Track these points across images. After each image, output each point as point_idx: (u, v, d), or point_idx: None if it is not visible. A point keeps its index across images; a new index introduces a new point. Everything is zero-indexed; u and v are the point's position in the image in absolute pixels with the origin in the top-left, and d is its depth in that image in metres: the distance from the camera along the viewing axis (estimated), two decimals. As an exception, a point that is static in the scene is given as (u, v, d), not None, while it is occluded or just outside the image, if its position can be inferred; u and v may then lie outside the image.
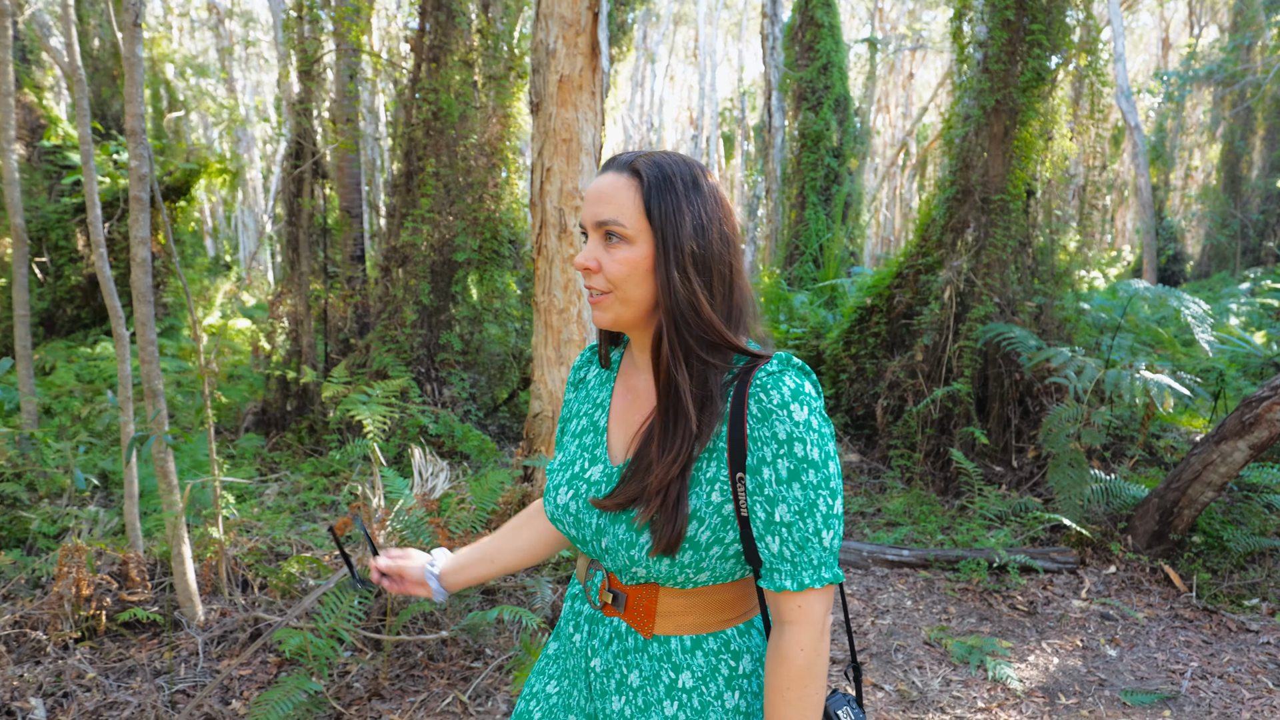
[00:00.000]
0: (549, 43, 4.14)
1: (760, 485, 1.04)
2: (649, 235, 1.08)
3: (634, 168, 1.10)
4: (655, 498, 1.06)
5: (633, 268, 1.08)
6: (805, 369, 1.10)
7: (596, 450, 1.20)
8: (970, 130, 5.60)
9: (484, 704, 3.04)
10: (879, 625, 3.81)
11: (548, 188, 4.22)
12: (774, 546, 1.04)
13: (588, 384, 1.31)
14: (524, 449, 4.47)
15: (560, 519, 1.20)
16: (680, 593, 1.13)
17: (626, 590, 1.16)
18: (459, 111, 5.90)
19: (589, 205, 1.12)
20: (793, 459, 1.02)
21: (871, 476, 5.91)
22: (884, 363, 6.39)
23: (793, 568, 1.04)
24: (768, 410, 1.04)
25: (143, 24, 3.41)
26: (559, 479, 1.22)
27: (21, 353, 5.34)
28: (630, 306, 1.10)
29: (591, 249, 1.11)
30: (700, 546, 1.07)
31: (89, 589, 3.43)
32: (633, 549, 1.09)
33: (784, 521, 1.03)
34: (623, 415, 1.21)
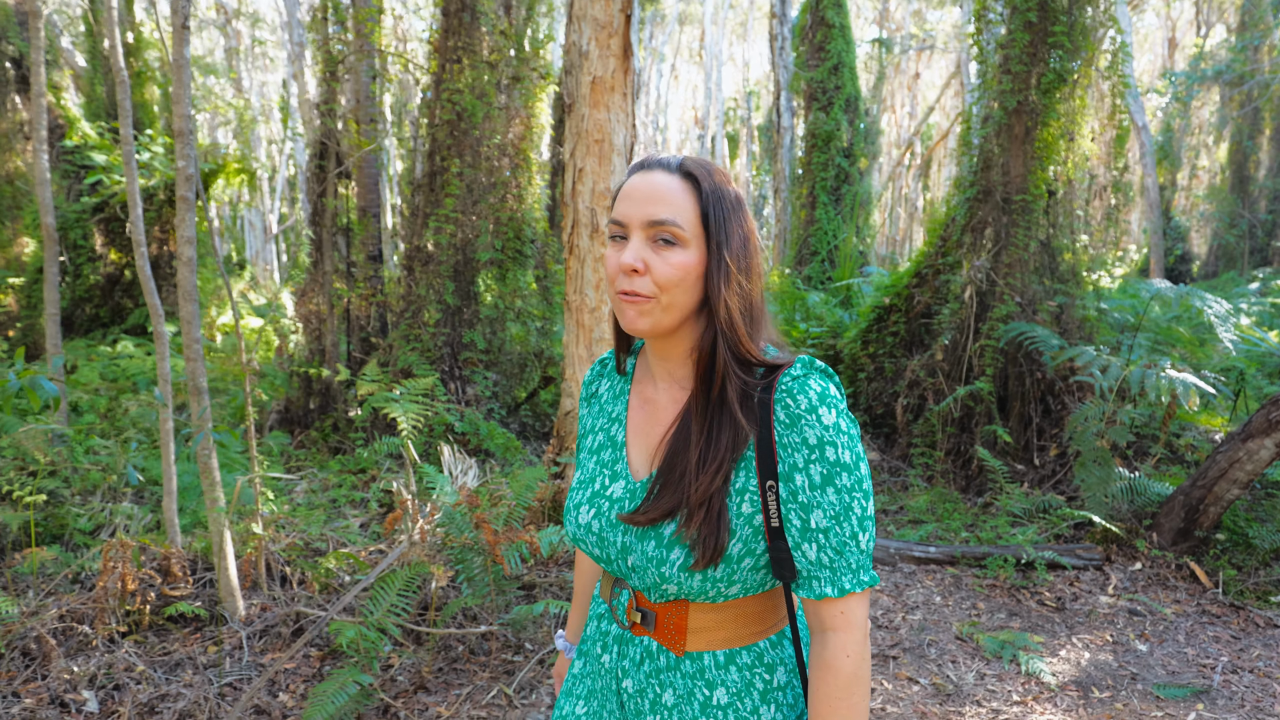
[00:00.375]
0: (582, 44, 4.19)
1: (794, 492, 1.03)
2: (702, 242, 1.06)
3: (687, 171, 1.08)
4: (698, 510, 1.04)
5: (685, 273, 1.05)
6: (828, 371, 1.10)
7: (616, 466, 1.18)
8: (991, 131, 5.64)
9: (528, 697, 3.09)
10: (910, 620, 3.86)
11: (580, 188, 4.27)
12: (811, 554, 1.03)
13: (600, 398, 1.29)
14: (554, 446, 4.52)
15: (583, 539, 1.18)
16: (711, 607, 1.12)
17: (655, 608, 1.14)
18: (482, 113, 5.95)
19: (637, 204, 1.06)
20: (825, 463, 1.01)
21: (892, 474, 5.96)
22: (903, 362, 6.44)
23: (832, 574, 1.03)
24: (796, 416, 1.03)
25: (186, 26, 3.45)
26: (579, 498, 1.20)
27: (52, 350, 5.40)
28: (672, 313, 1.07)
29: (638, 249, 1.06)
30: (732, 559, 1.06)
31: (134, 584, 3.49)
32: (663, 565, 1.07)
33: (820, 528, 1.02)
34: (641, 429, 1.19)
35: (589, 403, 1.31)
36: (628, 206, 1.07)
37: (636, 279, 1.05)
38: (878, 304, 6.89)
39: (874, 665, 3.45)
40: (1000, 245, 5.61)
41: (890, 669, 3.43)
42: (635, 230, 1.06)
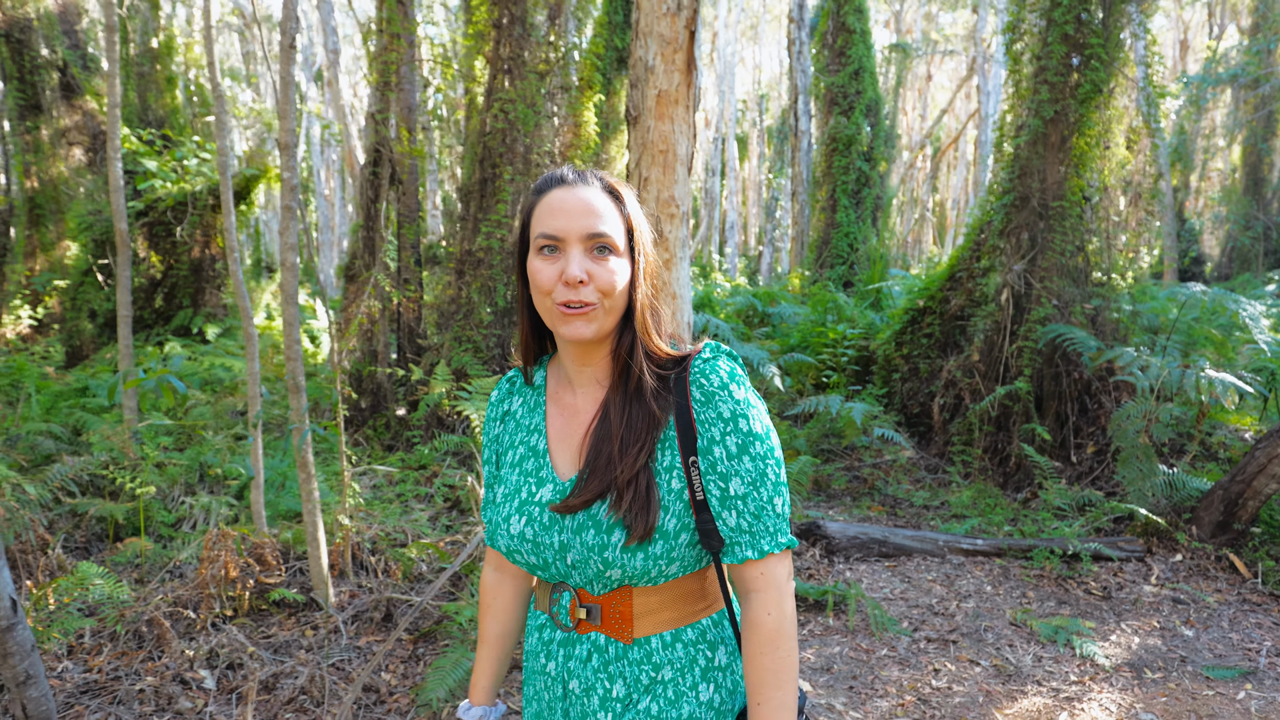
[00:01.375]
0: (648, 59, 4.40)
1: (713, 464, 1.10)
2: (628, 253, 1.15)
3: (610, 187, 1.17)
4: (627, 489, 1.10)
5: (623, 278, 1.13)
6: (733, 354, 1.18)
7: (541, 472, 1.21)
8: (1027, 139, 5.83)
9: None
10: (964, 608, 4.06)
11: (645, 195, 4.47)
12: (732, 520, 1.10)
13: (515, 415, 1.31)
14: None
15: (517, 549, 1.19)
16: (654, 590, 1.15)
17: (599, 600, 1.17)
18: (533, 121, 6.16)
19: (574, 218, 1.12)
20: (740, 434, 1.09)
21: (930, 471, 6.15)
22: (938, 362, 6.63)
23: (751, 537, 1.10)
24: (710, 393, 1.11)
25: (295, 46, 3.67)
26: (507, 510, 1.22)
27: (124, 350, 5.62)
28: (612, 316, 1.14)
29: (581, 261, 1.11)
30: (670, 535, 1.11)
31: (236, 571, 3.70)
32: (606, 550, 1.11)
33: (739, 494, 1.09)
34: (563, 432, 1.22)
35: (503, 421, 1.32)
36: (564, 221, 1.12)
37: (584, 289, 1.10)
38: (911, 306, 7.09)
39: (935, 650, 3.65)
40: (1037, 250, 5.80)
41: (951, 652, 3.63)
42: (574, 243, 1.11)
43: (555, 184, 1.16)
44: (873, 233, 13.34)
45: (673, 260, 4.50)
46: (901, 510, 5.50)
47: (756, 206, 36.53)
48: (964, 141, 29.64)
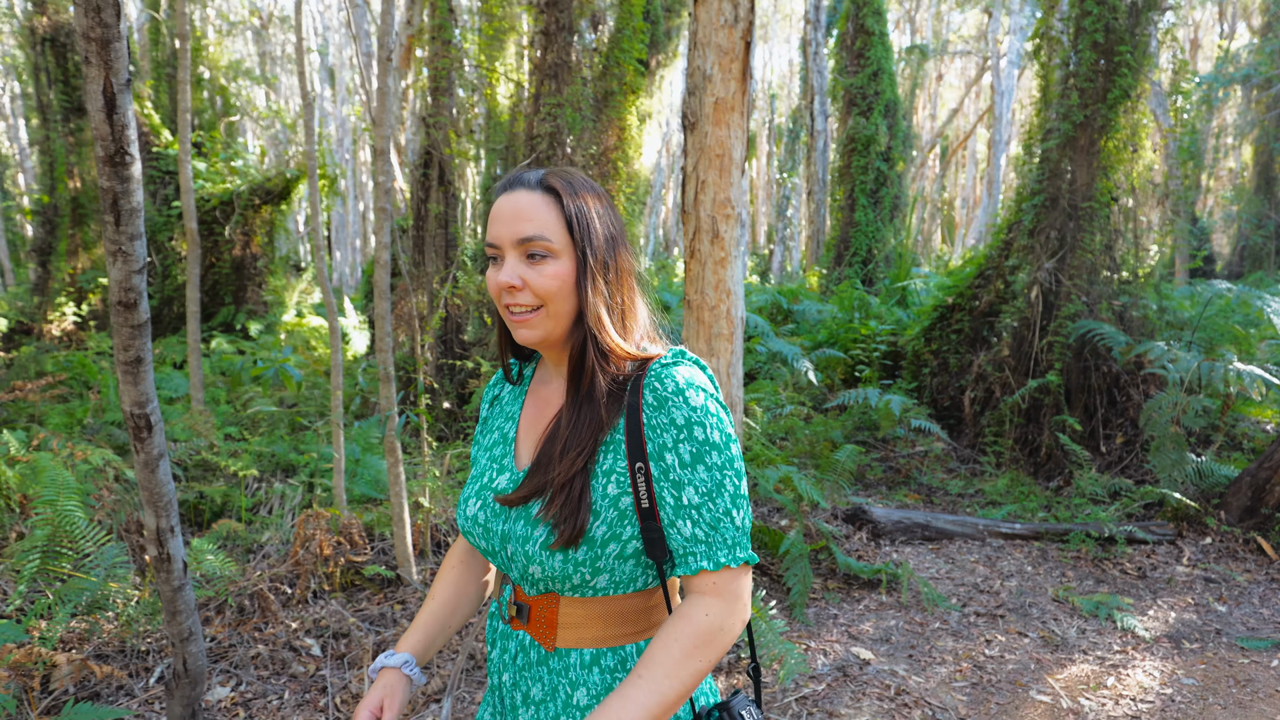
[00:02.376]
0: (705, 68, 4.65)
1: (665, 471, 1.05)
2: (571, 250, 1.11)
3: (547, 184, 1.12)
4: (559, 492, 1.08)
5: (562, 282, 1.10)
6: (699, 361, 1.15)
7: (504, 460, 1.21)
8: (1058, 143, 6.06)
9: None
10: (1007, 586, 4.30)
11: (701, 198, 4.73)
12: (686, 530, 1.04)
13: (502, 400, 1.32)
14: (673, 432, 4.97)
15: (470, 530, 1.21)
16: (580, 601, 1.12)
17: (529, 601, 1.16)
18: (580, 126, 6.41)
19: (506, 224, 1.11)
20: (694, 442, 1.04)
21: (961, 461, 6.40)
22: (967, 357, 6.87)
23: (707, 548, 1.04)
24: (663, 398, 1.07)
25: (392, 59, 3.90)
26: (469, 491, 1.23)
27: (192, 345, 5.88)
28: (559, 321, 1.12)
29: (513, 268, 1.10)
30: (595, 542, 1.07)
31: (329, 549, 3.96)
32: (528, 544, 1.09)
33: (693, 504, 1.04)
34: (531, 423, 1.23)
35: (492, 404, 1.34)
36: (498, 228, 1.12)
37: (519, 294, 1.10)
38: (939, 303, 7.33)
39: (984, 623, 3.90)
40: (1065, 249, 6.04)
41: (999, 625, 3.88)
42: (508, 250, 1.11)
43: (499, 190, 1.15)
44: (891, 232, 13.57)
45: (728, 259, 4.76)
46: (937, 498, 5.75)
47: (765, 205, 36.74)
48: (973, 140, 29.85)
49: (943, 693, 3.27)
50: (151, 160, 10.28)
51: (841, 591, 4.19)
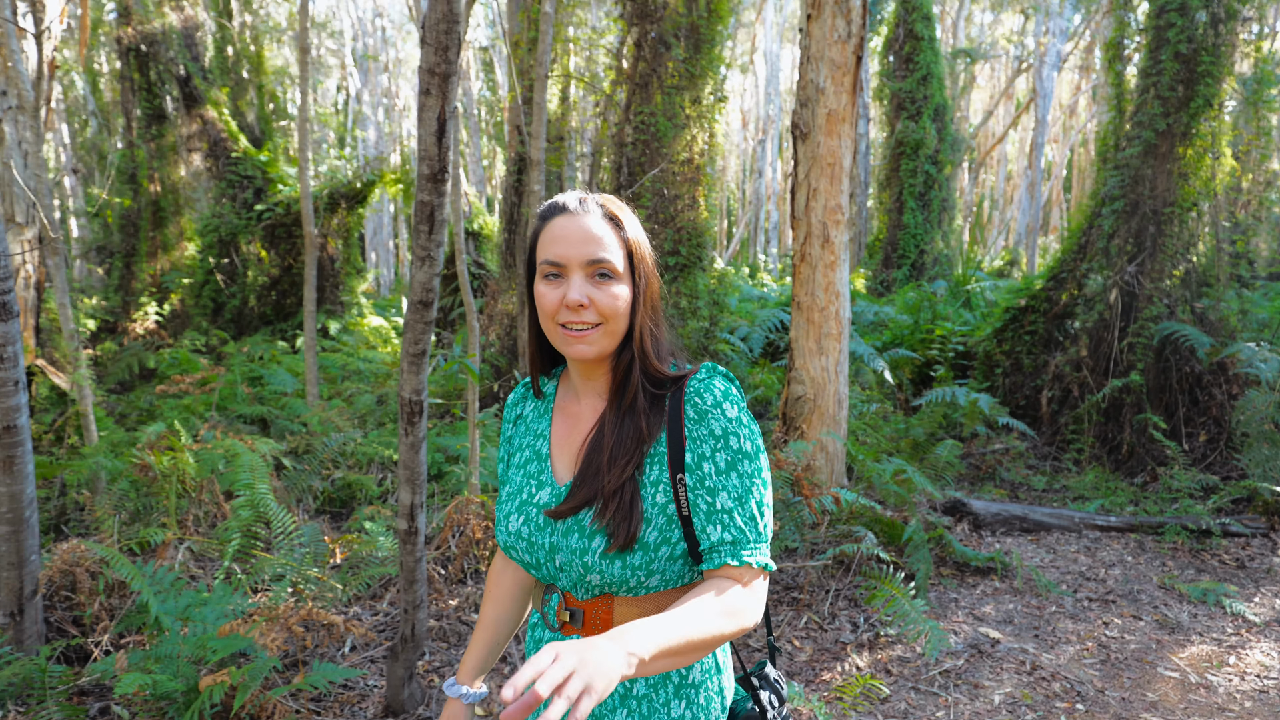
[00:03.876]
0: (818, 81, 4.90)
1: (701, 479, 1.14)
2: (630, 277, 1.20)
3: (609, 213, 1.22)
4: (611, 499, 1.14)
5: (624, 303, 1.18)
6: (729, 375, 1.22)
7: (542, 475, 1.26)
8: (1139, 151, 6.26)
9: (832, 623, 3.81)
10: (1112, 574, 4.53)
11: (813, 204, 4.98)
12: (716, 534, 1.12)
13: (526, 419, 1.36)
14: (781, 426, 5.23)
15: (514, 546, 1.25)
16: (634, 600, 1.19)
17: (583, 605, 1.21)
18: (671, 133, 6.68)
19: (576, 245, 1.17)
20: (729, 451, 1.13)
21: (1040, 459, 6.61)
22: (1042, 357, 7.07)
23: (733, 548, 1.12)
24: (703, 411, 1.15)
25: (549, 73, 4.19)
26: (509, 508, 1.28)
27: (308, 343, 6.19)
28: (613, 340, 1.19)
29: (582, 287, 1.16)
30: (649, 547, 1.15)
31: (480, 532, 4.25)
32: (586, 555, 1.15)
33: (725, 509, 1.12)
34: (565, 439, 1.28)
35: (515, 423, 1.38)
36: (565, 248, 1.17)
37: (584, 312, 1.16)
38: (1011, 305, 7.53)
39: (1097, 607, 4.13)
40: (1146, 253, 6.24)
41: (1113, 610, 4.10)
42: (575, 269, 1.17)
43: (558, 212, 1.21)
44: (939, 235, 13.75)
45: (837, 261, 5.01)
46: (1022, 494, 5.96)
47: (794, 206, 36.84)
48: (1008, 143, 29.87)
49: (1075, 668, 3.51)
50: (230, 165, 10.65)
51: (956, 578, 4.42)
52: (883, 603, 3.59)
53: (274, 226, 10.25)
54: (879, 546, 3.97)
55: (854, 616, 3.90)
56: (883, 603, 3.59)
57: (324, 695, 2.98)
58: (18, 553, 2.93)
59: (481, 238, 11.36)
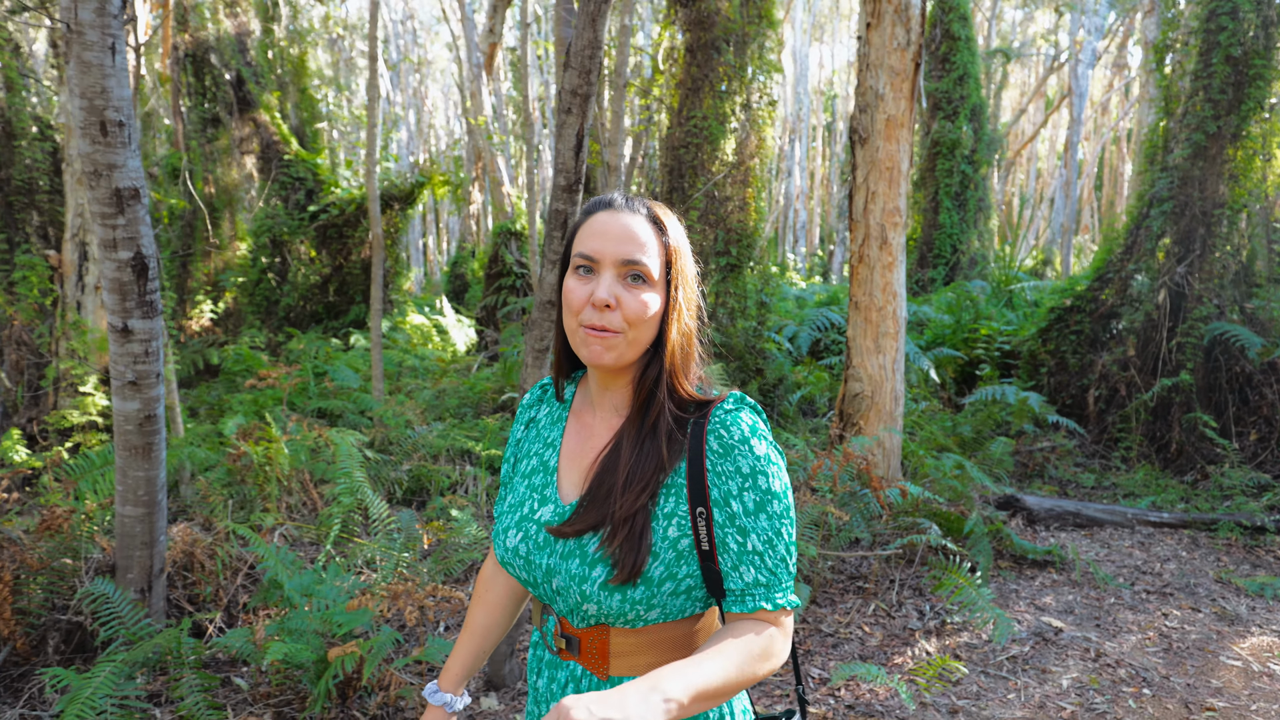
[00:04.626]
0: (878, 88, 5.05)
1: (730, 517, 1.08)
2: (663, 284, 1.13)
3: (654, 216, 1.15)
4: (622, 526, 1.08)
5: (653, 313, 1.11)
6: (756, 407, 1.15)
7: (546, 490, 1.20)
8: (1188, 152, 6.33)
9: (899, 610, 3.96)
10: (1167, 569, 4.63)
11: (871, 207, 5.13)
12: (749, 575, 1.08)
13: (539, 423, 1.30)
14: (838, 422, 5.38)
15: (510, 562, 1.20)
16: (631, 632, 1.13)
17: (579, 634, 1.16)
18: (722, 137, 6.85)
19: (612, 242, 1.11)
20: (758, 491, 1.07)
21: (1087, 457, 6.69)
22: (1088, 357, 7.16)
23: (767, 590, 1.08)
24: (729, 445, 1.09)
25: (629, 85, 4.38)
26: (508, 521, 1.22)
27: (375, 340, 6.43)
28: (634, 349, 1.12)
29: (610, 285, 1.10)
30: (652, 582, 1.09)
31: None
32: (584, 583, 1.09)
33: (756, 550, 1.07)
34: (575, 453, 1.21)
35: (527, 427, 1.32)
36: (601, 243, 1.11)
37: (608, 313, 1.09)
38: (1055, 305, 7.62)
39: (1155, 599, 4.24)
40: (1195, 254, 6.31)
41: (1172, 602, 4.22)
42: (608, 267, 1.10)
43: (602, 207, 1.15)
44: (975, 234, 13.78)
45: (894, 263, 5.16)
46: (1071, 491, 6.06)
47: (820, 206, 36.84)
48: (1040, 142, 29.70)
49: (1138, 656, 3.63)
50: (283, 168, 10.95)
51: (1014, 570, 4.55)
52: (949, 591, 3.73)
53: (325, 227, 10.54)
54: (944, 538, 4.11)
55: (919, 605, 4.05)
56: (949, 591, 3.73)
57: (433, 668, 3.19)
58: (149, 533, 3.16)
59: (523, 238, 11.58)
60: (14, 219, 6.80)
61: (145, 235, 2.70)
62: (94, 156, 2.53)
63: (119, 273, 2.69)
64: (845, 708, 3.20)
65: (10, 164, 6.74)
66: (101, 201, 2.59)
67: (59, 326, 5.81)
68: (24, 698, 2.92)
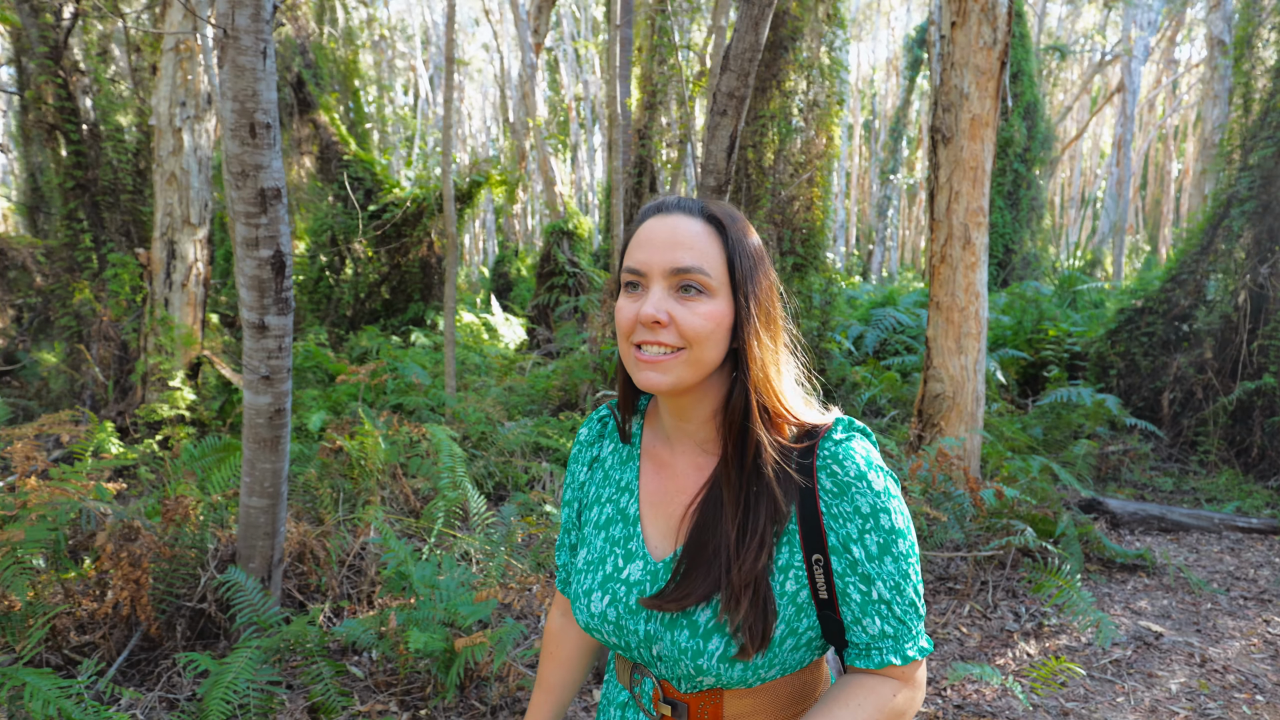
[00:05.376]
0: (963, 87, 5.02)
1: (853, 564, 0.96)
2: (729, 292, 0.98)
3: (711, 214, 1.01)
4: (744, 593, 0.95)
5: (716, 325, 0.97)
6: (866, 431, 1.04)
7: (630, 544, 1.07)
8: (1272, 152, 6.21)
9: (995, 612, 3.95)
10: (1261, 574, 4.56)
11: (954, 207, 5.10)
12: (875, 628, 0.97)
13: (605, 464, 1.16)
14: (917, 423, 5.36)
15: (598, 629, 1.07)
16: (747, 692, 1.02)
17: (687, 699, 1.04)
18: (789, 136, 6.84)
19: (659, 250, 0.97)
20: (880, 532, 0.96)
21: (1163, 460, 6.59)
22: (1160, 359, 7.04)
23: (895, 643, 0.98)
24: (845, 484, 0.97)
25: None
26: (589, 583, 1.08)
27: (448, 337, 6.53)
28: (697, 369, 0.98)
29: (659, 301, 0.96)
30: (774, 643, 0.97)
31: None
32: (699, 657, 0.97)
33: (882, 599, 0.97)
34: (658, 499, 1.07)
35: (591, 467, 1.18)
36: (647, 253, 0.98)
37: (660, 331, 0.96)
38: (1125, 306, 7.51)
39: (1254, 605, 4.17)
40: (1278, 255, 6.18)
41: (1271, 608, 4.15)
42: (656, 279, 0.97)
43: (652, 212, 1.02)
44: (1028, 234, 13.61)
45: (977, 264, 5.13)
46: (1149, 495, 5.98)
47: (857, 205, 36.56)
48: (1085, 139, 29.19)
49: (1245, 663, 3.59)
50: (342, 168, 11.14)
51: (1103, 573, 4.51)
52: (1050, 594, 3.71)
53: (384, 226, 10.70)
54: (1039, 540, 4.09)
55: (1014, 606, 4.03)
56: (1050, 594, 3.71)
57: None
58: (272, 524, 3.25)
59: (575, 238, 11.66)
60: (99, 218, 7.01)
61: (284, 234, 2.78)
62: (242, 157, 2.62)
63: (259, 270, 2.77)
64: (954, 707, 3.20)
65: (97, 165, 6.95)
66: (246, 201, 2.68)
67: (148, 323, 5.97)
68: (160, 681, 3.03)
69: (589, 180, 29.23)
